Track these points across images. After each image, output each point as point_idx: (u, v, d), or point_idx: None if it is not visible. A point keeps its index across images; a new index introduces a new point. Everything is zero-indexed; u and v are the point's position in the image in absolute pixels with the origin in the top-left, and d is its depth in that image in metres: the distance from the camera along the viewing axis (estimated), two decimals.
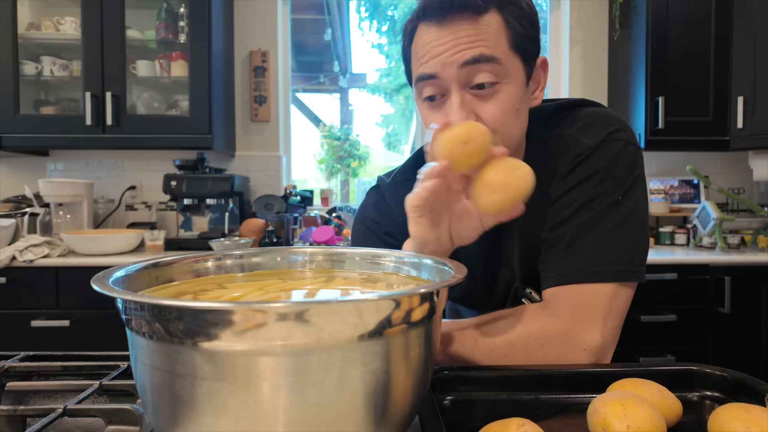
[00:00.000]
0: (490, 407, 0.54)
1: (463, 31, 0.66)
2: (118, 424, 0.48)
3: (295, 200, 2.51)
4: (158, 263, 0.50)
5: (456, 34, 0.66)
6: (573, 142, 0.73)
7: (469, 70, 0.66)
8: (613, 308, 0.67)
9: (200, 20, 2.26)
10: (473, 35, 0.66)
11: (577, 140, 0.73)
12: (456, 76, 0.67)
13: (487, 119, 0.67)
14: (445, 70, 0.67)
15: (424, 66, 0.69)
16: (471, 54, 0.66)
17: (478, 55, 0.65)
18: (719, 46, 2.28)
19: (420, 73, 0.70)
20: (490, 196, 0.56)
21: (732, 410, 0.44)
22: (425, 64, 0.69)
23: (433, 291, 0.38)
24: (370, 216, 0.87)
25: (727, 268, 2.04)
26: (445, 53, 0.67)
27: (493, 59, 0.66)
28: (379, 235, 0.85)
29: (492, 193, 0.55)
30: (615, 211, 0.69)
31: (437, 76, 0.68)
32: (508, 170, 0.55)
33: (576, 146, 0.72)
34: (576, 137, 0.73)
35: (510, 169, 0.55)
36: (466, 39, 0.66)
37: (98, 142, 2.27)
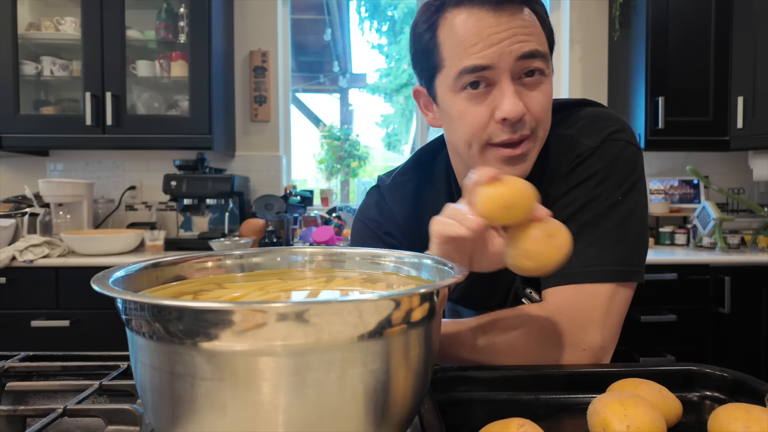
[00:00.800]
0: (490, 407, 0.54)
1: (519, 20, 0.64)
2: (118, 424, 0.48)
3: (295, 200, 2.51)
4: (158, 263, 0.50)
5: (513, 22, 0.64)
6: (573, 142, 0.73)
7: (524, 62, 0.65)
8: (612, 308, 0.67)
9: (200, 20, 2.26)
10: (527, 26, 0.65)
11: (577, 140, 0.73)
12: (511, 67, 0.65)
13: (535, 108, 0.66)
14: (502, 61, 0.64)
15: (477, 56, 0.64)
16: (529, 47, 0.64)
17: (534, 49, 0.65)
18: (719, 46, 2.28)
19: (470, 65, 0.65)
20: (521, 260, 0.52)
21: (732, 410, 0.44)
22: (479, 53, 0.64)
23: (433, 291, 0.38)
24: (371, 215, 0.87)
25: (727, 268, 2.04)
26: (503, 42, 0.64)
27: (544, 55, 0.66)
28: (379, 234, 0.85)
29: (524, 259, 0.52)
30: (615, 212, 0.69)
31: (491, 67, 0.65)
32: (545, 239, 0.51)
33: (576, 146, 0.72)
34: (576, 137, 0.73)
35: (548, 237, 0.51)
36: (523, 29, 0.64)
37: (98, 142, 2.27)
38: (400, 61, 5.24)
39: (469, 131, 0.68)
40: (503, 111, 0.64)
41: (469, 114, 0.68)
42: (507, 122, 0.65)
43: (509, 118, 0.64)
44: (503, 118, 0.65)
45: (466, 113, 0.68)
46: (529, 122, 0.67)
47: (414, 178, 0.86)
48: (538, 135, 0.69)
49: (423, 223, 0.85)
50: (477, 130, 0.68)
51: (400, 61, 5.24)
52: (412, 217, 0.85)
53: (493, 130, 0.67)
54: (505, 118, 0.65)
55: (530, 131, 0.67)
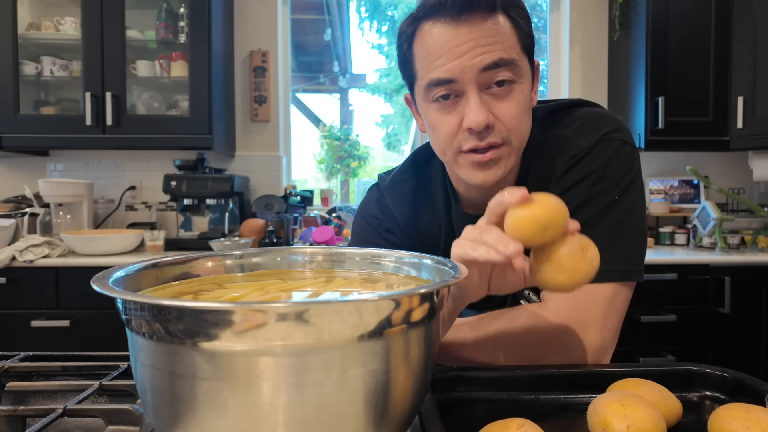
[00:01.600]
0: (490, 407, 0.54)
1: (480, 31, 0.65)
2: (118, 424, 0.48)
3: (295, 200, 2.51)
4: (158, 263, 0.50)
5: (473, 33, 0.64)
6: (569, 143, 0.73)
7: (489, 73, 0.65)
8: (612, 308, 0.67)
9: (200, 20, 2.26)
10: (491, 35, 0.65)
11: (572, 141, 0.73)
12: (475, 78, 0.65)
13: (505, 118, 0.67)
14: (465, 74, 0.65)
15: (440, 70, 0.66)
16: (491, 58, 0.64)
17: (498, 59, 0.65)
18: (719, 46, 2.28)
19: (436, 78, 0.67)
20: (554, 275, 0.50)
21: (732, 410, 0.44)
22: (442, 67, 0.66)
23: (433, 291, 0.38)
24: (372, 212, 0.88)
25: (727, 268, 2.04)
26: (464, 55, 0.65)
27: (511, 62, 0.66)
28: (380, 231, 0.86)
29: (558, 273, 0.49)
30: (612, 211, 0.69)
31: (455, 80, 0.66)
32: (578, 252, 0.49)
33: (571, 147, 0.72)
34: (572, 138, 0.73)
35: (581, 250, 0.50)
36: (485, 39, 0.65)
37: (98, 143, 2.27)
38: None
39: (441, 140, 0.71)
40: (468, 121, 0.66)
41: (440, 123, 0.70)
42: (473, 131, 0.67)
43: (473, 128, 0.66)
44: (468, 127, 0.67)
45: (438, 123, 0.70)
46: (499, 130, 0.67)
47: (411, 178, 0.87)
48: (512, 143, 0.69)
49: (421, 222, 0.85)
50: (448, 138, 0.70)
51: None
52: (410, 216, 0.85)
53: (462, 138, 0.69)
54: (470, 128, 0.66)
55: (501, 140, 0.68)
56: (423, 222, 0.85)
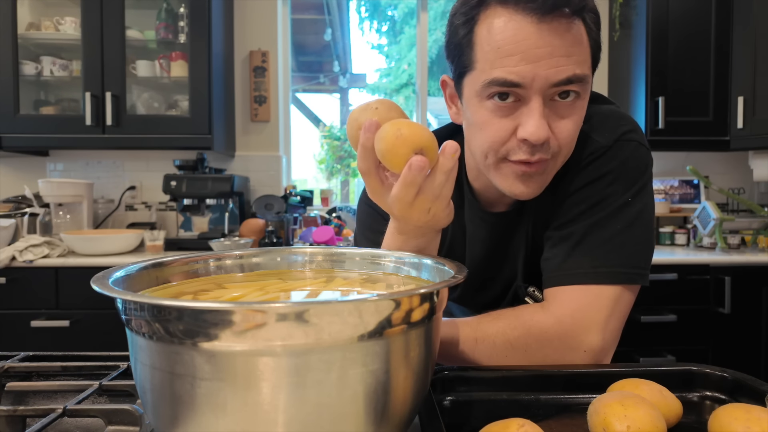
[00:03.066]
0: (490, 407, 0.54)
1: (563, 38, 0.59)
2: (118, 424, 0.48)
3: (295, 200, 2.50)
4: (158, 263, 0.50)
5: (555, 39, 0.59)
6: (586, 138, 0.72)
7: (559, 87, 0.61)
8: (615, 311, 0.67)
9: (200, 20, 2.26)
10: (571, 45, 0.60)
11: (590, 137, 0.72)
12: (544, 89, 0.60)
13: (561, 135, 0.63)
14: (536, 82, 0.60)
15: (509, 70, 0.60)
16: (566, 73, 0.60)
17: (572, 75, 0.60)
18: (719, 46, 2.28)
19: (501, 78, 0.60)
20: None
21: (732, 410, 0.44)
22: (513, 68, 0.60)
23: (433, 291, 0.38)
24: None
25: (727, 269, 2.04)
26: (540, 62, 0.59)
27: (583, 79, 0.61)
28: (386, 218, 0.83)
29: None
30: (624, 213, 0.68)
31: (522, 86, 0.60)
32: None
33: (589, 143, 0.71)
34: (590, 134, 0.72)
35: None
36: (565, 49, 0.59)
37: (98, 143, 2.27)
38: (400, 61, 5.24)
39: (488, 143, 0.65)
40: (526, 132, 0.61)
41: (491, 125, 0.64)
42: (527, 143, 0.62)
43: (533, 141, 0.61)
44: (525, 139, 0.62)
45: (488, 124, 0.64)
46: (552, 146, 0.64)
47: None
48: (558, 158, 0.66)
49: None
50: (496, 144, 0.65)
51: (400, 61, 5.24)
52: None
53: (512, 146, 0.64)
54: (527, 139, 0.61)
55: (551, 155, 0.64)
56: None
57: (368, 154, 0.54)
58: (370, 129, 0.52)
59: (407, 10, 5.02)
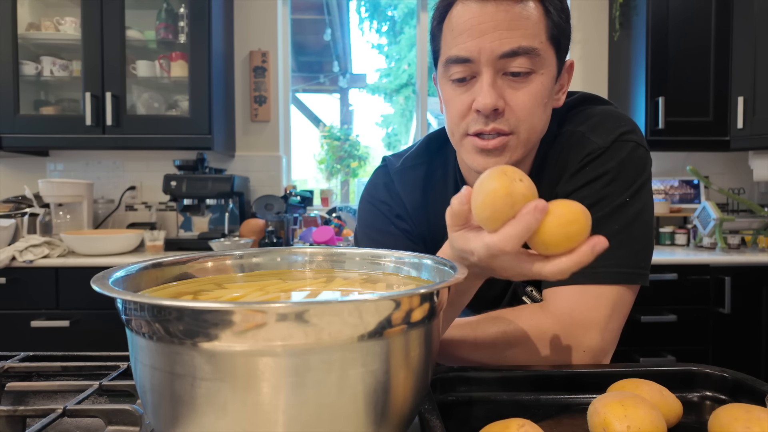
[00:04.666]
0: (490, 407, 0.54)
1: (505, 13, 0.63)
2: (118, 424, 0.48)
3: (295, 200, 2.51)
4: (158, 263, 0.50)
5: (499, 15, 0.63)
6: (584, 139, 0.72)
7: (507, 60, 0.64)
8: (615, 311, 0.67)
9: (200, 20, 2.26)
10: (515, 19, 0.63)
11: (588, 138, 0.72)
12: (492, 62, 0.65)
13: (517, 107, 0.66)
14: (482, 55, 0.64)
15: (459, 48, 0.66)
16: (510, 45, 0.63)
17: (517, 47, 0.64)
18: (719, 46, 2.28)
19: (453, 55, 0.66)
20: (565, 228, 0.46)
21: (732, 411, 0.44)
22: (461, 45, 0.65)
23: (433, 291, 0.38)
24: (381, 197, 0.85)
25: (727, 269, 2.04)
26: (484, 36, 0.64)
27: (531, 51, 0.64)
28: (390, 217, 0.83)
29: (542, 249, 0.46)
30: (622, 213, 0.68)
31: (472, 60, 0.65)
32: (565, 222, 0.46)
33: (587, 144, 0.72)
34: (587, 135, 0.72)
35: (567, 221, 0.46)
36: (507, 23, 0.63)
37: (98, 143, 2.27)
38: (400, 61, 5.24)
39: (451, 119, 0.70)
40: (476, 102, 0.66)
41: (453, 102, 0.69)
42: (481, 114, 0.66)
43: (481, 110, 0.65)
44: (476, 109, 0.66)
45: (451, 100, 0.69)
46: (508, 119, 0.66)
47: (424, 164, 0.84)
48: (519, 133, 0.68)
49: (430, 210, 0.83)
50: (457, 118, 0.69)
51: (400, 61, 5.24)
52: (420, 204, 0.83)
53: (470, 119, 0.68)
54: (478, 109, 0.66)
55: (509, 129, 0.67)
56: (432, 212, 0.83)
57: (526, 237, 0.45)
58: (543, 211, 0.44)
59: (407, 10, 5.02)
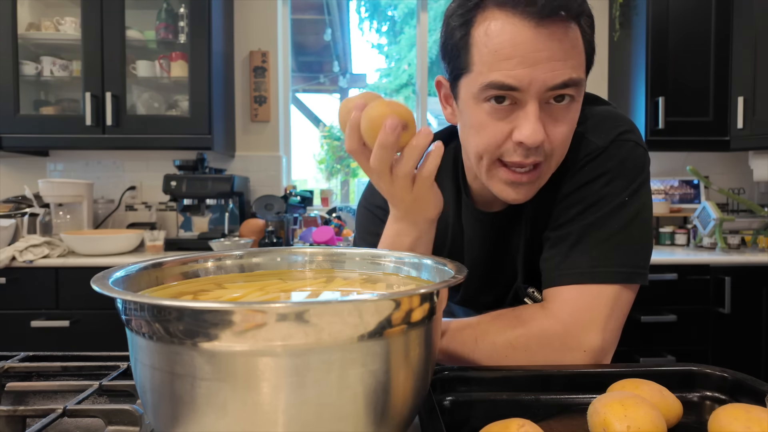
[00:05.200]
0: (490, 407, 0.54)
1: (560, 42, 0.59)
2: (118, 424, 0.48)
3: (295, 200, 2.51)
4: (158, 263, 0.50)
5: (553, 43, 0.59)
6: (583, 139, 0.72)
7: (556, 91, 0.61)
8: (614, 310, 0.67)
9: (200, 20, 2.26)
10: (568, 49, 0.60)
11: (587, 138, 0.72)
12: (540, 93, 0.61)
13: (556, 139, 0.64)
14: (532, 86, 0.60)
15: (506, 74, 0.60)
16: (563, 77, 0.60)
17: (569, 79, 0.60)
18: (719, 46, 2.28)
19: (498, 82, 0.60)
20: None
21: (732, 411, 0.44)
22: (510, 71, 0.60)
23: (433, 291, 0.38)
24: (376, 202, 0.85)
25: (727, 269, 2.04)
26: (538, 66, 0.59)
27: (579, 83, 0.62)
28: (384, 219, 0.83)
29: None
30: (621, 213, 0.69)
31: (519, 90, 0.60)
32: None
33: (586, 144, 0.72)
34: (586, 135, 0.72)
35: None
36: (562, 53, 0.59)
37: (98, 143, 2.27)
38: (400, 61, 5.24)
39: (483, 145, 0.66)
40: (523, 135, 0.61)
41: (488, 128, 0.64)
42: (523, 146, 0.63)
43: (528, 144, 0.62)
44: (520, 141, 0.62)
45: (485, 126, 0.64)
46: (545, 149, 0.64)
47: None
48: (551, 161, 0.67)
49: None
50: (492, 146, 0.65)
51: (400, 61, 5.24)
52: None
53: (507, 148, 0.64)
54: (523, 142, 0.62)
55: (544, 158, 0.65)
56: None
57: (354, 133, 0.57)
58: (357, 108, 0.55)
59: (407, 10, 5.02)
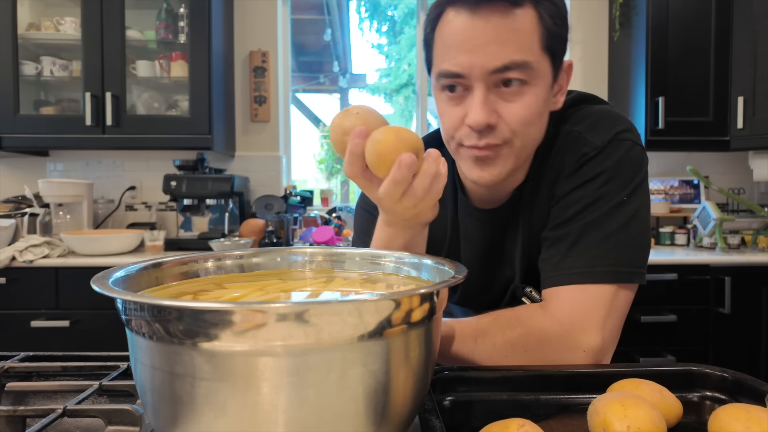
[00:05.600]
0: (490, 408, 0.54)
1: (495, 28, 0.62)
2: (118, 424, 0.48)
3: (295, 200, 2.51)
4: (158, 263, 0.50)
5: (488, 29, 0.62)
6: (581, 139, 0.72)
7: (499, 74, 0.64)
8: (613, 310, 0.67)
9: (200, 20, 2.26)
10: (507, 32, 0.62)
11: (584, 138, 0.72)
12: (483, 77, 0.64)
13: (510, 119, 0.66)
14: (473, 70, 0.64)
15: (450, 62, 0.65)
16: (502, 60, 0.63)
17: (509, 62, 0.63)
18: (719, 46, 2.28)
19: (444, 70, 0.66)
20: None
21: (732, 410, 0.44)
22: (452, 60, 0.65)
23: (433, 291, 0.38)
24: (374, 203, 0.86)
25: (727, 269, 2.04)
26: (475, 51, 0.63)
27: (524, 64, 0.64)
28: None
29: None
30: (619, 212, 0.69)
31: (463, 75, 0.65)
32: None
33: (583, 144, 0.72)
34: (584, 135, 0.72)
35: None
36: (499, 36, 0.62)
37: (98, 143, 2.27)
38: (400, 61, 5.24)
39: (445, 131, 0.71)
40: (468, 119, 0.66)
41: (446, 114, 0.69)
42: (473, 129, 0.66)
43: (473, 127, 0.65)
44: (469, 125, 0.66)
45: (444, 113, 0.70)
46: (501, 131, 0.66)
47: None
48: (514, 144, 0.68)
49: None
50: (451, 130, 0.70)
51: (400, 61, 5.24)
52: None
53: (463, 133, 0.68)
54: (470, 125, 0.66)
55: (502, 141, 0.67)
56: None
57: (357, 160, 0.55)
58: (360, 135, 0.54)
59: (407, 10, 5.02)
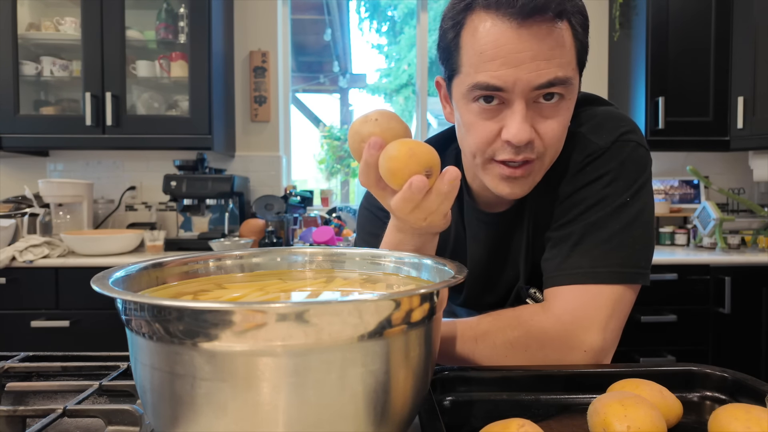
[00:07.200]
0: (490, 407, 0.54)
1: (543, 42, 0.60)
2: (118, 424, 0.48)
3: (295, 200, 2.50)
4: (158, 263, 0.50)
5: (535, 43, 0.60)
6: (585, 140, 0.72)
7: (541, 90, 0.62)
8: (615, 310, 0.67)
9: (200, 20, 2.26)
10: (552, 47, 0.61)
11: (589, 139, 0.72)
12: (526, 93, 0.62)
13: (546, 136, 0.65)
14: (516, 86, 0.61)
15: (491, 74, 0.62)
16: (548, 76, 0.61)
17: (554, 78, 0.61)
18: (719, 46, 2.28)
19: (483, 82, 0.62)
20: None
21: (732, 411, 0.44)
22: (494, 72, 0.61)
23: (433, 291, 0.38)
24: (379, 204, 0.84)
25: (727, 269, 2.04)
26: (521, 66, 0.60)
27: (565, 81, 0.63)
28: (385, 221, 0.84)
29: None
30: (623, 213, 0.69)
31: (504, 90, 0.62)
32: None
33: (588, 145, 0.72)
34: (588, 136, 0.72)
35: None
36: (546, 53, 0.60)
37: (98, 143, 2.27)
38: (400, 61, 5.24)
39: (475, 144, 0.68)
40: (509, 134, 0.63)
41: (477, 127, 0.66)
42: (511, 144, 0.64)
43: (514, 143, 0.63)
44: (508, 140, 0.64)
45: (475, 125, 0.66)
46: (537, 147, 0.65)
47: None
48: (545, 159, 0.67)
49: None
50: (482, 144, 0.67)
51: (400, 61, 5.24)
52: None
53: (497, 147, 0.66)
54: (510, 141, 0.64)
55: (536, 155, 0.66)
56: None
57: (371, 171, 0.55)
58: (375, 147, 0.53)
59: (407, 10, 5.02)
